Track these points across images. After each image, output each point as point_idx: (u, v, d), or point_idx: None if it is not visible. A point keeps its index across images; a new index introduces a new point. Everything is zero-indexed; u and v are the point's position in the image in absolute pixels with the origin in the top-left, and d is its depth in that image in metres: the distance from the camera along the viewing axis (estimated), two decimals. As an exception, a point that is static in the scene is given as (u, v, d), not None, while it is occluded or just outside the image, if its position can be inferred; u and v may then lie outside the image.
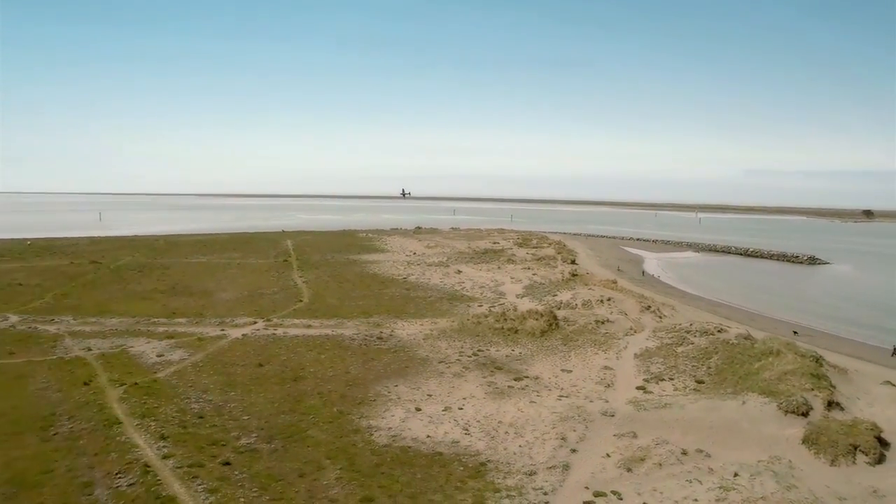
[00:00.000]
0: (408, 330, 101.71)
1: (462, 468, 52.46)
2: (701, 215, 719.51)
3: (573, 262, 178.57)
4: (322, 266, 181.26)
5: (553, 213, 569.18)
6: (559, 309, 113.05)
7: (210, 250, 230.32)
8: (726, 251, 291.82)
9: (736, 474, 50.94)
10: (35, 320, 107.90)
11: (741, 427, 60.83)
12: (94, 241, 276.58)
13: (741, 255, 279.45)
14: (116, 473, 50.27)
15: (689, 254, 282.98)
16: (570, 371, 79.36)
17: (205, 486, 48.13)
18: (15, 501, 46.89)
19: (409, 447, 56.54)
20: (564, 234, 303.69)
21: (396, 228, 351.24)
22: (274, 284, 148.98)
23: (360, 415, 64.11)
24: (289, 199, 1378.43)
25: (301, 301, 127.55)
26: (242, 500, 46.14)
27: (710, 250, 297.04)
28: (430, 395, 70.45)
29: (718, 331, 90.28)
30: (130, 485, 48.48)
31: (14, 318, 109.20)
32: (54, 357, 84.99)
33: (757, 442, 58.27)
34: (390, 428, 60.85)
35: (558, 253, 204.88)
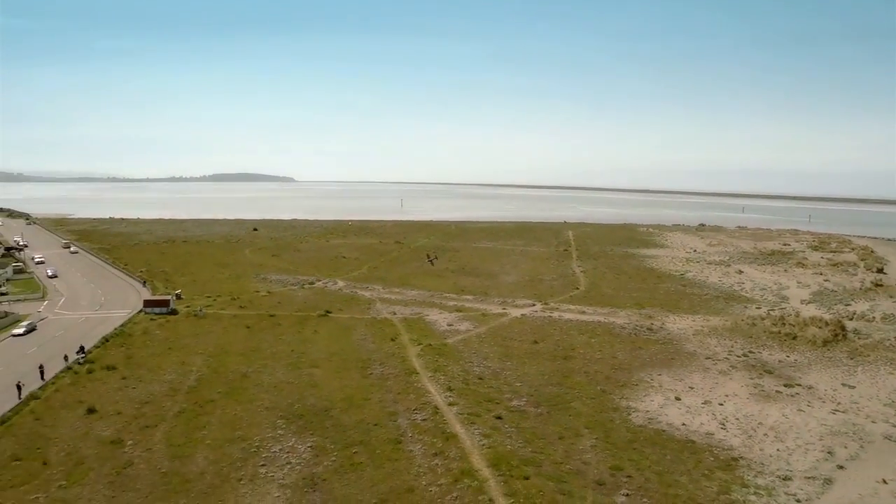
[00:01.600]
0: (679, 324, 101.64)
1: (713, 459, 53.38)
2: None
3: (880, 270, 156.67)
4: (600, 257, 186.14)
5: (863, 215, 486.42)
6: (850, 320, 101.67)
7: (495, 237, 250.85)
8: None
9: None
10: (355, 286, 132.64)
11: None
12: (397, 225, 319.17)
13: None
14: (414, 409, 62.87)
15: None
16: (854, 387, 72.55)
17: (480, 431, 57.31)
18: (348, 412, 62.38)
19: (664, 431, 59.04)
20: (876, 238, 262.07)
21: (678, 224, 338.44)
22: (553, 272, 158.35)
23: (621, 396, 68.11)
24: (571, 190, 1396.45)
25: (577, 289, 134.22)
26: (510, 447, 54.03)
27: None
28: (691, 388, 71.30)
29: None
30: (423, 419, 60.28)
31: (341, 283, 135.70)
32: (369, 316, 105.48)
33: None
34: (648, 411, 63.82)
35: (862, 259, 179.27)
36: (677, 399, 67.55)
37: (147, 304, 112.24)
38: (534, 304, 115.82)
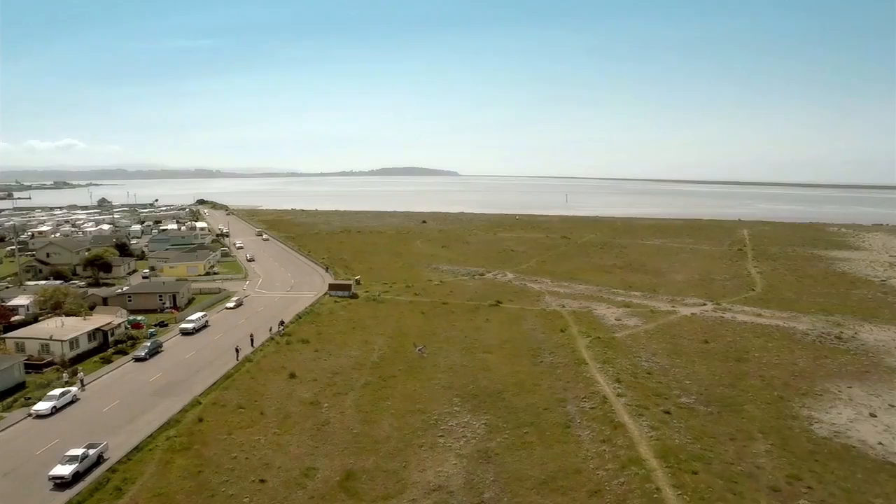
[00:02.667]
0: (877, 335, 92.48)
1: (918, 487, 48.66)
2: None
3: None
4: (780, 258, 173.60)
5: None
6: None
7: (663, 234, 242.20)
8: None
9: None
10: (524, 279, 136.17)
11: None
12: (563, 220, 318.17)
13: None
14: (582, 397, 65.01)
15: None
16: None
17: (648, 423, 58.09)
18: (519, 396, 66.06)
19: (853, 447, 54.93)
20: None
21: (880, 224, 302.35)
22: (725, 271, 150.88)
23: (802, 404, 64.57)
24: (746, 186, 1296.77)
25: (753, 290, 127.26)
26: (678, 441, 54.34)
27: None
28: (892, 406, 64.92)
29: None
30: (592, 408, 62.26)
31: (510, 275, 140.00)
32: (539, 308, 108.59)
33: None
34: (834, 424, 59.85)
35: None
36: (872, 416, 62.13)
37: (332, 287, 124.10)
38: (704, 304, 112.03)
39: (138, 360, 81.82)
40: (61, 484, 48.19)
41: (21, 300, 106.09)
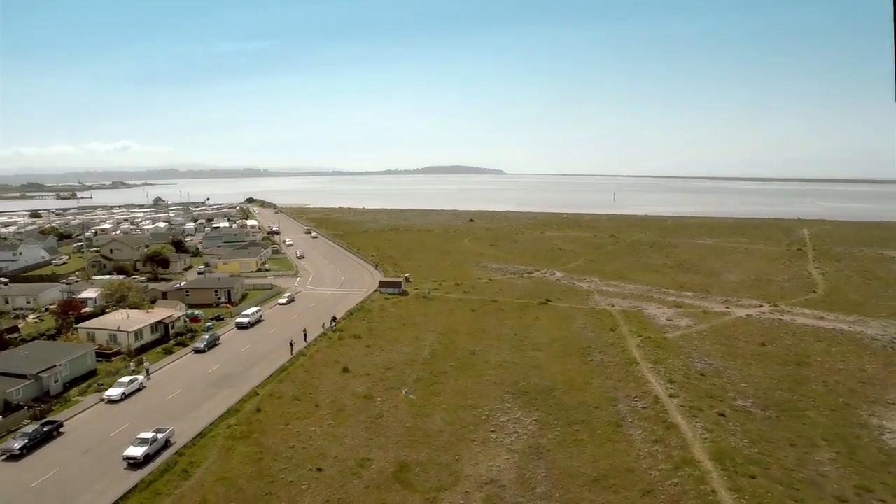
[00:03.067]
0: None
1: None
2: None
3: None
4: (844, 259, 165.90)
5: None
6: None
7: (716, 233, 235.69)
8: None
9: None
10: (573, 277, 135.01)
11: None
12: (611, 219, 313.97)
13: None
14: (634, 397, 64.20)
15: None
16: None
17: (702, 425, 56.92)
18: (570, 394, 66.03)
19: (931, 460, 51.70)
20: None
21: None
22: (783, 272, 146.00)
23: (871, 412, 61.48)
24: (803, 182, 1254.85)
25: (814, 292, 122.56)
26: (734, 444, 53.05)
27: None
28: (970, 416, 61.23)
29: None
30: (644, 407, 61.40)
31: (559, 274, 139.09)
32: (588, 307, 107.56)
33: None
34: (908, 434, 56.88)
35: None
36: (950, 427, 58.72)
37: (382, 284, 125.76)
38: (761, 305, 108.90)
39: (197, 351, 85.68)
40: (134, 464, 51.70)
41: (90, 293, 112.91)
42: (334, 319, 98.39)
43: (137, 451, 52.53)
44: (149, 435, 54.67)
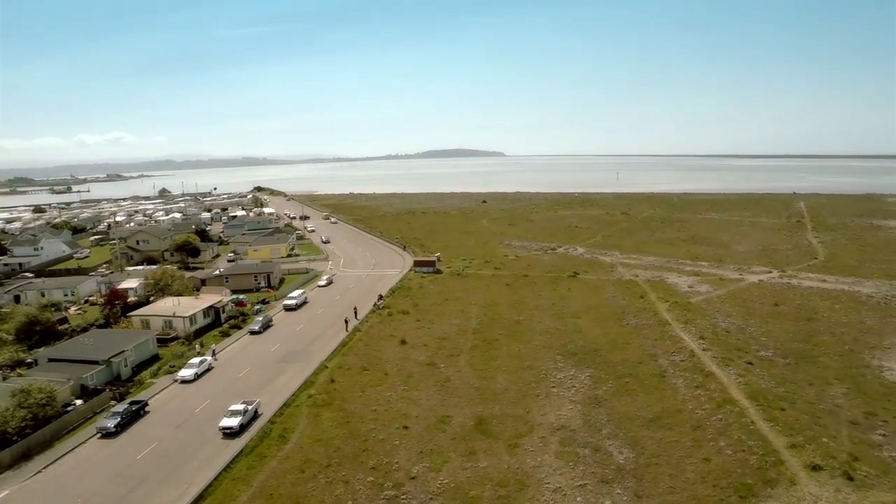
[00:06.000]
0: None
1: None
2: None
3: None
4: (839, 229, 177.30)
5: None
6: None
7: (721, 208, 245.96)
8: None
9: None
10: (594, 252, 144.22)
11: None
12: (618, 197, 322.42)
13: None
14: (671, 352, 73.38)
15: None
16: None
17: (735, 372, 66.18)
18: (613, 352, 74.90)
19: (923, 390, 61.25)
20: None
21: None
22: (786, 242, 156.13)
23: (873, 356, 71.37)
24: (794, 159, 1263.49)
25: (815, 259, 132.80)
26: (764, 385, 62.36)
27: None
28: (958, 358, 70.26)
29: None
30: (682, 360, 70.62)
31: (581, 250, 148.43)
32: (614, 278, 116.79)
33: None
34: (904, 372, 66.33)
35: None
36: (939, 365, 68.19)
37: (417, 263, 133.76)
38: (770, 272, 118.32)
39: (253, 333, 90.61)
40: (230, 434, 56.35)
41: (130, 283, 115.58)
42: (380, 297, 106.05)
43: (233, 422, 56.66)
44: (240, 406, 58.95)
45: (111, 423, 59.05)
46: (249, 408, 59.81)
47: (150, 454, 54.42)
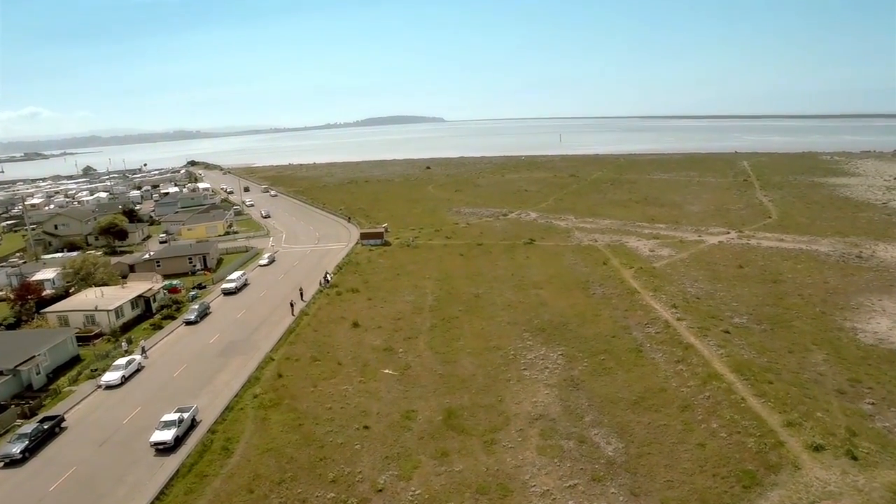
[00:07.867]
0: (892, 253, 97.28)
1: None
2: None
3: None
4: (785, 187, 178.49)
5: None
6: None
7: (667, 168, 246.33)
8: None
9: None
10: (548, 217, 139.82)
11: None
12: (563, 159, 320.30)
13: None
14: (645, 324, 69.15)
15: None
16: None
17: (713, 342, 62.45)
18: (584, 326, 69.76)
19: (899, 350, 59.06)
20: None
21: (868, 151, 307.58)
22: (738, 201, 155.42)
23: (844, 317, 69.04)
24: (730, 119, 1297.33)
25: (770, 218, 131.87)
26: (746, 356, 58.73)
27: None
28: (921, 317, 69.13)
29: None
30: (657, 332, 66.43)
31: (534, 214, 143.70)
32: (573, 244, 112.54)
33: None
34: (876, 332, 64.36)
35: None
36: (909, 325, 66.49)
37: (363, 236, 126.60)
38: (728, 232, 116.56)
39: (189, 323, 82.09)
40: (164, 449, 48.59)
41: (45, 274, 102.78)
42: (326, 275, 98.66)
43: (166, 435, 48.89)
44: (174, 416, 51.13)
45: (16, 449, 49.41)
46: (185, 416, 51.99)
47: (67, 483, 45.72)
